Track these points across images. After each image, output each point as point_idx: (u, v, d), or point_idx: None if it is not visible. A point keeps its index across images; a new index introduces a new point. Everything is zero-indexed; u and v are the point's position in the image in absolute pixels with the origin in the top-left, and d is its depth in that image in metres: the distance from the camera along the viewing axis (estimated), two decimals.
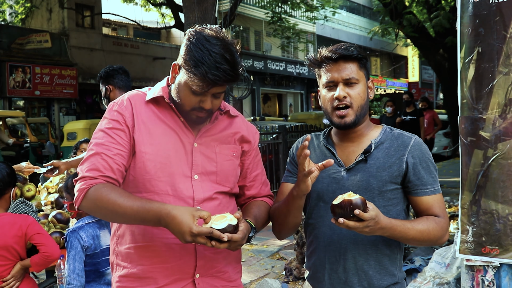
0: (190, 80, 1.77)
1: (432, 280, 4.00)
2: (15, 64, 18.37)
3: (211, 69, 1.72)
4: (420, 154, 1.90)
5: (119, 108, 1.90)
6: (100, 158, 1.82)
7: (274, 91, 28.77)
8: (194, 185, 1.89)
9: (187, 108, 1.85)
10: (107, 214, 1.79)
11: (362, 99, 1.92)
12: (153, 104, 1.92)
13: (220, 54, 1.74)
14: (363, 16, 35.82)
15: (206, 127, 1.95)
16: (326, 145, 2.02)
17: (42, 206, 4.26)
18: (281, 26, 18.08)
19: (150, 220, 1.71)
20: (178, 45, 24.07)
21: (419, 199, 1.90)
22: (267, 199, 2.11)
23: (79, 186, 1.80)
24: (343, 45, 1.94)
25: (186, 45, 1.80)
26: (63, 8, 20.17)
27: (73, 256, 3.03)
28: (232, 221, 1.68)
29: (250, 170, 2.08)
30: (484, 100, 2.85)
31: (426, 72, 40.54)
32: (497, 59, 2.80)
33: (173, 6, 15.11)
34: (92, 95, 22.11)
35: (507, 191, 2.79)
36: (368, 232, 1.71)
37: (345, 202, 1.66)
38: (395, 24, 14.17)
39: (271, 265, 5.93)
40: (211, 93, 1.80)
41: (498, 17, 2.78)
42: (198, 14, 7.00)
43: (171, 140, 1.89)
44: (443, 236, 1.89)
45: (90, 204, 1.78)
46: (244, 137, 2.05)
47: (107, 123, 1.89)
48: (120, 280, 1.94)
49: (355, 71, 1.91)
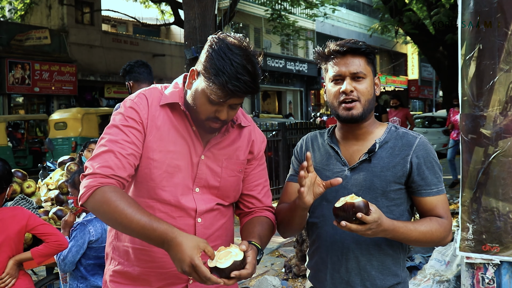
0: (208, 89, 1.71)
1: (432, 277, 4.00)
2: (14, 61, 18.36)
3: (231, 79, 1.66)
4: (425, 154, 1.87)
5: (135, 106, 1.83)
6: (113, 156, 1.74)
7: (273, 89, 28.75)
8: (196, 197, 1.86)
9: (202, 117, 1.78)
10: (110, 220, 1.70)
11: (370, 94, 1.89)
12: (168, 107, 1.86)
13: (242, 64, 1.68)
14: (362, 13, 35.80)
15: (216, 139, 1.90)
16: (330, 143, 1.99)
17: (42, 202, 4.26)
18: (281, 23, 18.05)
19: (154, 239, 1.63)
20: (178, 42, 24.14)
21: (423, 199, 1.88)
22: (269, 214, 2.02)
23: (88, 182, 1.71)
24: (352, 40, 1.91)
25: (207, 52, 1.74)
26: (63, 5, 20.17)
27: (71, 247, 3.06)
28: (237, 256, 1.61)
29: (251, 179, 2.03)
30: (485, 97, 2.84)
31: (426, 70, 40.57)
32: (498, 56, 2.79)
33: (172, 3, 15.08)
34: (92, 91, 22.11)
35: (508, 189, 2.79)
36: (370, 234, 1.69)
37: (348, 205, 1.65)
38: (394, 22, 14.15)
39: (270, 263, 5.93)
40: (228, 103, 1.74)
41: (499, 14, 2.77)
42: (198, 11, 6.98)
43: (180, 149, 1.84)
44: (446, 237, 1.87)
45: (96, 205, 1.70)
46: (250, 148, 2.00)
47: (122, 119, 1.82)
48: (114, 275, 1.92)
49: (363, 65, 1.88)
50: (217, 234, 1.92)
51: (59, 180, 4.19)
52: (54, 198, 4.14)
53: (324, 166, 1.97)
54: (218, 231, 1.93)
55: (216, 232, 1.92)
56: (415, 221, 1.84)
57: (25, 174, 4.15)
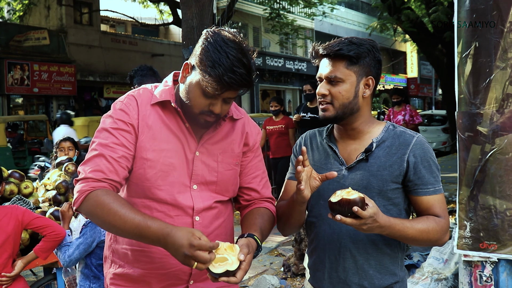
0: (204, 81, 1.71)
1: (430, 275, 4.00)
2: (13, 62, 18.34)
3: (227, 71, 1.67)
4: (422, 153, 1.86)
5: (125, 107, 1.83)
6: (104, 160, 1.75)
7: (272, 87, 28.71)
8: (193, 195, 1.86)
9: (196, 111, 1.78)
10: (105, 223, 1.70)
11: (345, 98, 1.86)
12: (159, 106, 1.86)
13: (238, 57, 1.69)
14: (361, 12, 35.76)
15: (209, 134, 1.89)
16: (328, 142, 1.99)
17: (39, 203, 4.25)
18: (280, 22, 18.01)
19: (149, 237, 1.63)
20: (177, 42, 24.12)
21: (420, 198, 1.87)
22: (270, 205, 2.03)
23: (81, 187, 1.72)
24: (337, 41, 1.90)
25: (203, 45, 1.74)
26: (61, 5, 20.15)
27: (78, 245, 3.06)
28: (232, 265, 1.59)
29: (249, 172, 2.02)
30: (481, 95, 2.84)
31: (425, 68, 40.53)
32: (494, 53, 2.79)
33: (171, 2, 15.08)
34: (91, 92, 22.09)
35: (505, 186, 2.79)
36: (365, 229, 1.69)
37: (343, 201, 1.65)
38: (393, 20, 14.14)
39: (269, 262, 5.93)
40: (223, 97, 1.74)
41: (495, 11, 2.77)
42: (195, 11, 6.96)
43: (174, 147, 1.84)
44: (443, 237, 1.87)
45: (90, 209, 1.70)
46: (245, 140, 1.99)
47: (112, 122, 1.81)
48: (115, 278, 1.93)
49: (341, 69, 1.86)
50: (216, 233, 1.92)
51: (57, 181, 4.17)
52: (52, 199, 4.13)
53: (322, 165, 1.97)
54: (217, 230, 1.93)
55: (215, 231, 1.91)
56: (412, 219, 1.84)
57: (22, 175, 4.14)
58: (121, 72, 21.56)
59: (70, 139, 5.16)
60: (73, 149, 5.06)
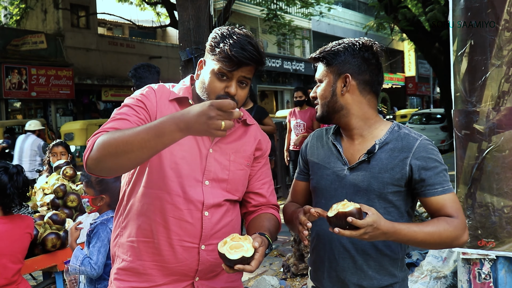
0: (215, 63, 1.79)
1: (429, 274, 4.00)
2: (11, 66, 18.35)
3: (235, 47, 1.75)
4: (426, 155, 1.84)
5: (146, 93, 1.88)
6: (121, 122, 1.75)
7: (271, 88, 28.76)
8: (205, 190, 1.88)
9: (212, 97, 1.81)
10: (117, 153, 1.58)
11: (323, 97, 1.95)
12: (176, 102, 1.90)
13: (244, 38, 1.80)
14: (358, 11, 35.83)
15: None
16: (334, 141, 2.00)
17: (38, 207, 4.25)
18: (277, 23, 18.03)
19: (166, 128, 1.52)
20: (174, 44, 24.13)
21: (429, 200, 1.84)
22: (275, 212, 2.06)
23: (92, 139, 1.68)
24: (328, 46, 1.97)
25: (211, 37, 1.85)
26: (58, 9, 20.17)
27: (99, 248, 3.00)
28: (248, 252, 1.61)
29: (259, 177, 2.06)
30: (477, 93, 2.85)
31: (423, 66, 40.61)
32: (490, 51, 2.79)
33: (168, 4, 15.06)
34: (89, 95, 22.09)
35: (502, 184, 2.79)
36: (368, 238, 1.66)
37: (340, 214, 1.64)
38: (390, 19, 14.17)
39: (269, 262, 5.93)
40: (236, 76, 1.80)
41: (490, 10, 2.77)
42: (191, 12, 6.96)
43: (188, 142, 1.86)
44: (460, 237, 1.80)
45: (99, 149, 1.61)
46: (257, 145, 2.04)
47: (133, 101, 1.85)
48: (118, 273, 1.93)
49: (321, 71, 1.96)
50: (224, 230, 1.93)
51: (55, 185, 4.17)
52: (50, 203, 4.13)
53: (326, 164, 1.98)
54: (225, 228, 1.94)
55: (223, 229, 1.92)
56: (420, 223, 1.80)
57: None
58: (119, 75, 21.58)
59: (62, 144, 5.18)
60: (66, 153, 5.09)
